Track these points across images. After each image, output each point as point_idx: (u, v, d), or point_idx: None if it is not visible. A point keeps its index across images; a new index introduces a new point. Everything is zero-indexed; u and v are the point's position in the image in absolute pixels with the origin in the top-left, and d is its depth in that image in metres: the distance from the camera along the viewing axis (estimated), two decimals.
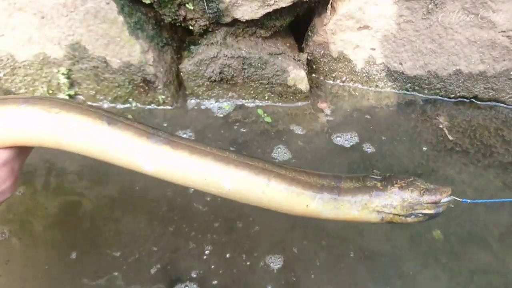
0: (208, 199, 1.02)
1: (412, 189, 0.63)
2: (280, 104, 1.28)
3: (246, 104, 1.28)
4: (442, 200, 0.63)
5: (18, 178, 0.62)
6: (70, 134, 0.60)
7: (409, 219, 0.64)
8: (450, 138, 1.19)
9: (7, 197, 0.60)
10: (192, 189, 1.03)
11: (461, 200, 0.65)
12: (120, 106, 1.23)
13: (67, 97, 1.21)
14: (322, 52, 1.29)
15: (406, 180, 0.65)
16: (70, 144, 0.61)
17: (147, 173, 0.62)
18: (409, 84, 1.30)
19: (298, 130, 1.21)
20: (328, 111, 1.25)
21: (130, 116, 1.20)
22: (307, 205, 0.63)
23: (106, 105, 1.24)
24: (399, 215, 0.64)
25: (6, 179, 0.59)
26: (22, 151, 0.62)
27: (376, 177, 0.66)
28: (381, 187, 0.64)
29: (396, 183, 0.64)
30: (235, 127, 1.21)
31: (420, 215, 0.64)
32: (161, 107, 1.24)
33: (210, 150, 0.63)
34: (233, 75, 1.20)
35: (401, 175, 0.67)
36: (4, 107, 0.59)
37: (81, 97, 1.23)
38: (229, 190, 0.63)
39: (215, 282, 0.89)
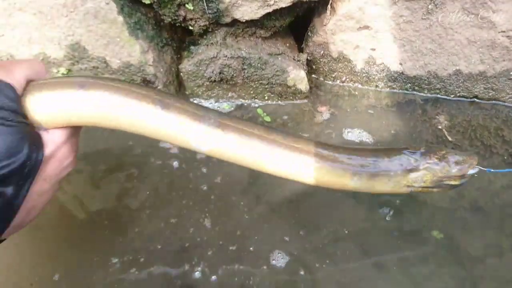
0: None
1: (444, 164, 0.66)
2: (280, 104, 1.28)
3: (245, 104, 1.28)
4: (469, 172, 0.66)
5: (76, 154, 0.68)
6: (125, 117, 0.63)
7: (435, 190, 0.67)
8: (450, 139, 1.19)
9: (68, 171, 0.66)
10: (204, 189, 1.03)
11: (485, 169, 0.68)
12: None
13: None
14: (322, 52, 1.29)
15: (439, 153, 0.67)
16: (126, 125, 0.64)
17: (203, 152, 0.66)
18: (409, 84, 1.30)
19: (297, 130, 1.20)
20: (327, 114, 1.25)
21: None
22: (346, 184, 0.67)
23: None
24: (427, 187, 0.67)
25: (68, 155, 0.64)
26: (77, 128, 0.68)
27: (411, 152, 0.67)
28: (415, 164, 0.66)
29: (430, 158, 0.66)
30: None
31: (447, 186, 0.67)
32: None
33: (258, 132, 0.66)
34: (233, 75, 1.20)
35: (435, 148, 0.68)
36: (61, 91, 0.61)
37: None
38: (274, 170, 0.67)
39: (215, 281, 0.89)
